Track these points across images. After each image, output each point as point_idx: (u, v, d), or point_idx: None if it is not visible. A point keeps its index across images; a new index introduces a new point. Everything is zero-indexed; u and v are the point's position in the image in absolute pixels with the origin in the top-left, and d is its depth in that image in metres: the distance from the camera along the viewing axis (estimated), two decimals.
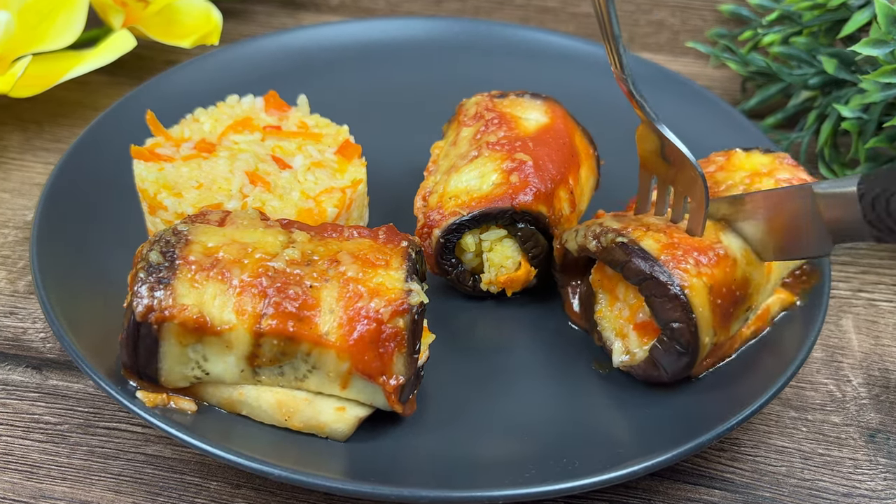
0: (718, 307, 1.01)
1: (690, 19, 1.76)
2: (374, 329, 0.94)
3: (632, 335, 1.05)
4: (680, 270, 1.00)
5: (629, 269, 1.01)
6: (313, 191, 1.15)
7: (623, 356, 1.06)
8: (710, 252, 1.02)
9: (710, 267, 1.01)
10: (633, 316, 1.05)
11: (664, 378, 1.03)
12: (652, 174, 1.08)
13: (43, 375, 1.10)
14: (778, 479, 1.04)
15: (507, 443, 1.01)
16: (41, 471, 1.01)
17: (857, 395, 1.13)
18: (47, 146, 1.41)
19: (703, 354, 1.02)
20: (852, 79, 1.35)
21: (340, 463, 0.97)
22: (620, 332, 1.06)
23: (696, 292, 1.00)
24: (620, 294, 1.07)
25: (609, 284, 1.08)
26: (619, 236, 1.03)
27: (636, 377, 1.06)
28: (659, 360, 1.02)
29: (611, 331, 1.07)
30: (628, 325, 1.06)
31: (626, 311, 1.06)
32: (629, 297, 1.06)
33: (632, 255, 1.01)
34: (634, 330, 1.05)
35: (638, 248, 1.01)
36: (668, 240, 1.02)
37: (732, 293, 1.02)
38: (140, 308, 0.94)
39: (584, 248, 1.06)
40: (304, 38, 1.50)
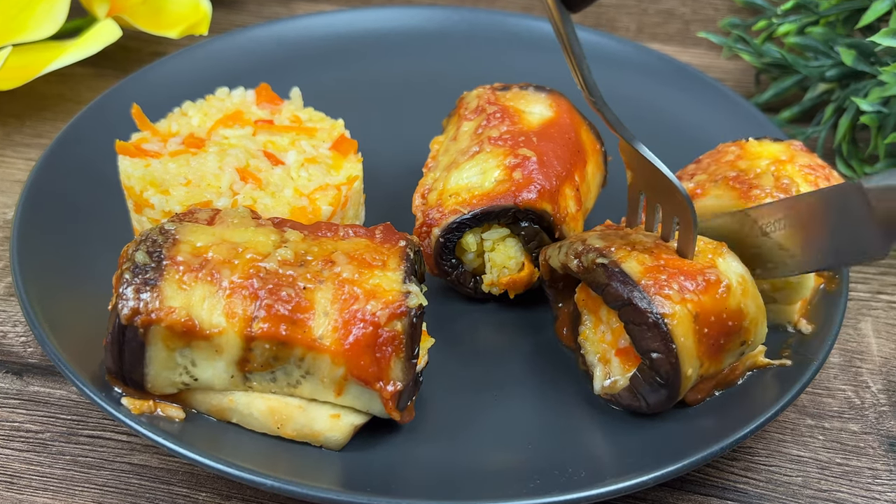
0: (705, 336, 0.98)
1: (702, 8, 1.76)
2: (371, 333, 0.95)
3: (614, 361, 1.04)
4: (661, 297, 0.97)
5: (609, 294, 0.99)
6: (307, 188, 1.15)
7: (604, 381, 1.04)
8: (699, 277, 0.99)
9: (696, 293, 0.98)
10: (616, 341, 1.03)
11: (644, 409, 1.01)
12: (639, 191, 1.07)
13: (24, 381, 1.10)
14: (794, 489, 1.04)
15: (510, 452, 1.01)
16: (22, 481, 1.02)
17: (877, 402, 1.13)
18: (28, 141, 1.41)
19: (685, 387, 1.00)
20: (871, 71, 1.35)
21: (335, 473, 0.97)
22: (603, 357, 1.05)
23: (679, 321, 0.97)
24: (604, 316, 1.05)
25: (593, 305, 1.06)
26: (601, 256, 1.01)
27: (617, 406, 1.04)
28: (638, 390, 1.00)
29: (594, 355, 1.06)
30: (611, 350, 1.04)
31: (609, 336, 1.04)
32: (612, 321, 1.04)
33: (611, 279, 0.99)
34: (617, 356, 1.03)
35: (618, 271, 0.99)
36: (653, 262, 0.99)
37: (723, 323, 0.99)
38: (125, 311, 0.94)
39: (566, 267, 1.05)
40: (298, 28, 1.50)
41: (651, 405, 1.01)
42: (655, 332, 0.97)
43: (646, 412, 1.02)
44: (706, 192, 1.11)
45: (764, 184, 1.10)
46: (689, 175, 1.16)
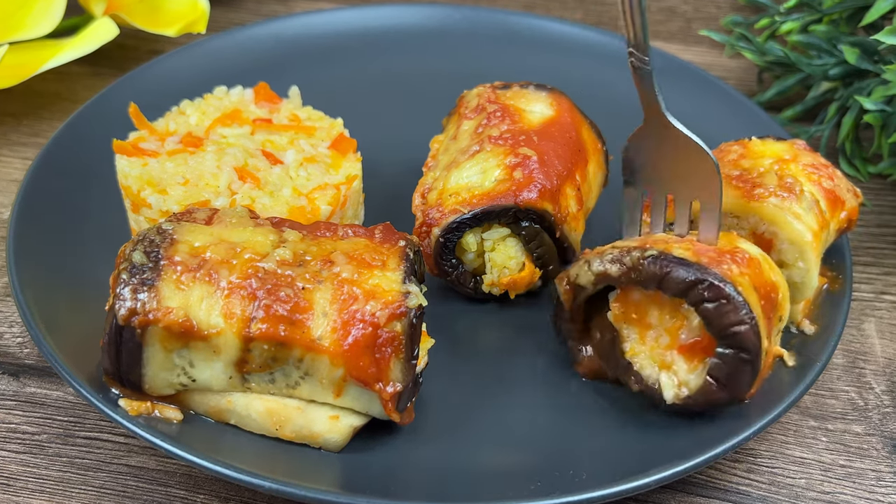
0: (763, 309, 0.99)
1: (704, 6, 1.76)
2: (370, 333, 0.94)
3: (678, 361, 1.01)
4: (722, 272, 0.98)
5: (670, 282, 0.97)
6: (306, 187, 1.15)
7: (676, 389, 1.01)
8: (739, 255, 1.00)
9: (745, 267, 0.99)
10: (675, 339, 1.01)
11: (725, 398, 0.99)
12: (640, 192, 1.07)
13: (20, 382, 1.10)
14: (796, 491, 1.04)
15: (511, 453, 1.01)
16: (18, 483, 1.01)
17: (881, 404, 1.13)
18: (25, 140, 1.41)
19: (763, 362, 0.99)
20: (875, 69, 1.35)
21: (334, 475, 0.97)
22: (664, 364, 1.02)
23: (747, 290, 0.97)
24: (654, 319, 1.02)
25: (636, 314, 1.03)
26: (646, 251, 0.99)
27: (694, 408, 1.01)
28: (720, 377, 0.98)
29: (651, 366, 1.02)
30: (671, 352, 1.01)
31: (665, 338, 1.02)
32: (665, 320, 1.02)
33: (669, 266, 0.97)
34: (680, 354, 1.01)
35: (674, 257, 0.98)
36: (694, 248, 1.00)
37: (769, 295, 1.00)
38: (122, 311, 0.94)
39: (603, 276, 1.02)
40: (297, 26, 1.50)
41: (735, 389, 0.98)
42: (733, 304, 0.96)
43: (725, 402, 0.99)
44: None
45: (767, 183, 1.10)
46: None
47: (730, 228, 1.10)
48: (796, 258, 1.09)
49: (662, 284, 0.98)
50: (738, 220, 1.10)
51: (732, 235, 1.05)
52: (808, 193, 1.11)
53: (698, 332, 1.00)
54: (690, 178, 1.03)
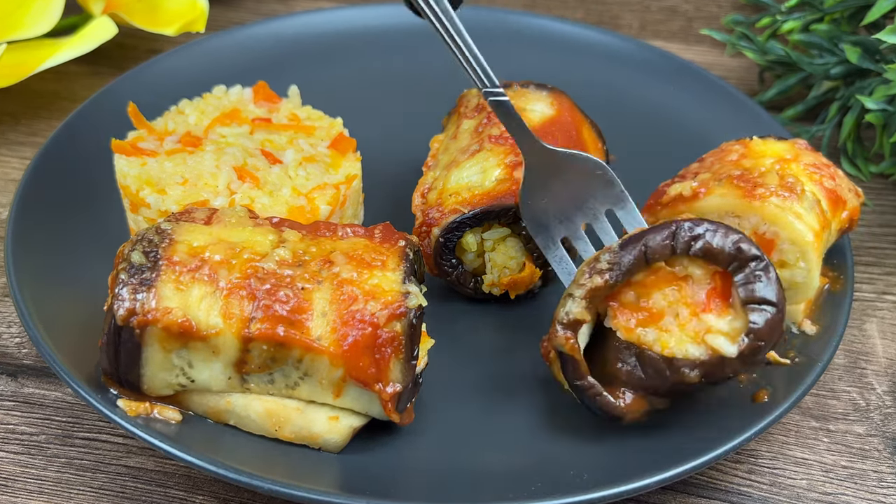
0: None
1: (705, 5, 1.76)
2: (370, 334, 0.94)
3: (712, 320, 0.97)
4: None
5: (679, 238, 0.97)
6: (305, 187, 1.15)
7: (731, 342, 0.96)
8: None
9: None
10: (694, 305, 0.98)
11: (757, 346, 0.95)
12: (558, 241, 1.08)
13: (18, 383, 1.10)
14: (798, 492, 1.04)
15: (511, 454, 1.01)
16: (16, 484, 1.01)
17: (882, 404, 1.13)
18: (23, 140, 1.41)
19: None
20: (877, 68, 1.35)
21: (334, 476, 0.97)
22: (700, 335, 0.98)
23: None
24: (661, 302, 0.98)
25: (643, 312, 0.99)
26: (612, 246, 0.99)
27: (761, 354, 0.96)
28: (750, 320, 0.95)
29: (693, 344, 0.98)
30: (699, 319, 0.98)
31: (684, 310, 0.98)
32: (671, 295, 0.98)
33: (649, 233, 0.97)
34: (707, 313, 0.97)
35: (643, 231, 0.98)
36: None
37: None
38: (121, 311, 0.94)
39: (593, 292, 0.97)
40: (296, 26, 1.50)
41: (766, 329, 0.95)
42: (755, 244, 0.97)
43: (761, 347, 0.95)
44: (710, 191, 1.11)
45: (769, 182, 1.10)
46: (693, 174, 1.16)
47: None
48: (797, 258, 1.09)
49: (694, 247, 0.96)
50: (739, 220, 1.10)
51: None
52: (810, 193, 1.11)
53: (707, 279, 0.98)
54: (592, 191, 1.04)
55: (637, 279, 0.99)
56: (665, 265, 0.98)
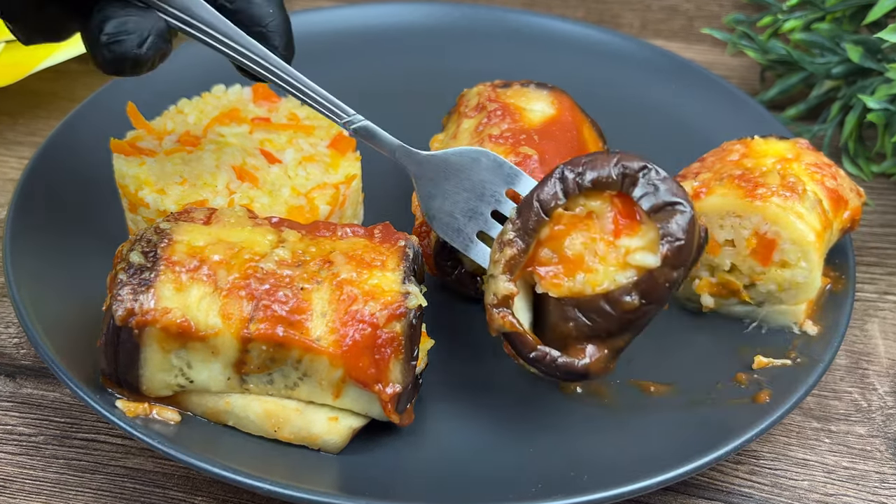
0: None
1: (706, 4, 1.76)
2: (370, 334, 0.94)
3: (628, 242, 0.96)
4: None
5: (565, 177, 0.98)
6: (305, 187, 1.15)
7: (652, 253, 0.95)
8: None
9: None
10: (608, 235, 0.97)
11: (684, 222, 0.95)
12: (472, 238, 1.06)
13: (16, 383, 1.10)
14: (799, 493, 1.04)
15: (512, 455, 1.01)
16: (14, 485, 1.01)
17: (884, 405, 1.13)
18: (21, 139, 1.41)
19: None
20: (878, 68, 1.35)
21: (333, 477, 0.97)
22: (624, 260, 0.96)
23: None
24: (577, 245, 0.97)
25: (565, 261, 0.98)
26: (517, 207, 0.99)
27: (686, 255, 0.95)
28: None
29: (620, 272, 0.96)
30: (616, 246, 0.97)
31: (601, 245, 0.97)
32: (584, 235, 0.98)
33: (542, 182, 0.98)
34: (622, 237, 0.96)
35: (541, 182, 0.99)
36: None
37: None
38: (120, 311, 0.94)
39: (510, 262, 0.98)
40: (296, 24, 1.48)
41: (679, 227, 0.95)
42: (635, 156, 0.98)
43: (682, 246, 0.95)
44: (711, 190, 1.11)
45: (770, 182, 1.10)
46: (694, 174, 1.16)
47: (732, 228, 1.10)
48: (799, 258, 1.09)
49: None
50: (740, 220, 1.10)
51: None
52: (811, 193, 1.11)
53: (608, 207, 0.97)
54: (484, 178, 1.05)
55: (545, 235, 0.98)
56: (564, 212, 0.98)
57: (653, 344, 1.13)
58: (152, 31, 0.95)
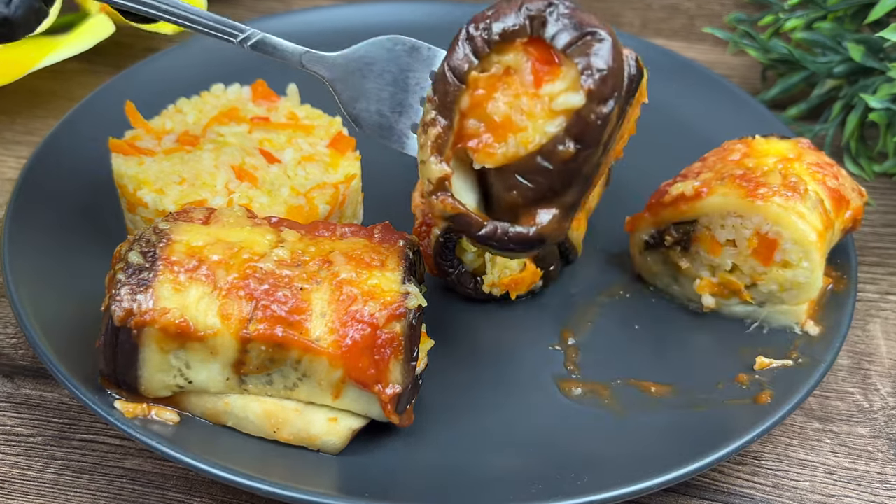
0: None
1: (707, 3, 1.76)
2: (369, 334, 0.94)
3: (552, 86, 0.91)
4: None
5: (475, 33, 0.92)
6: (304, 186, 1.15)
7: (575, 95, 0.90)
8: None
9: None
10: (528, 87, 0.92)
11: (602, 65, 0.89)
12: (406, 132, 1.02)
13: (15, 384, 1.10)
14: (801, 494, 1.04)
15: (512, 456, 1.01)
16: (13, 486, 1.01)
17: (886, 405, 1.13)
18: (19, 139, 1.41)
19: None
20: (880, 67, 1.35)
21: (333, 477, 0.97)
22: (546, 113, 0.92)
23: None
24: (499, 107, 0.93)
25: (496, 129, 0.93)
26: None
27: (609, 94, 0.90)
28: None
29: (546, 123, 0.92)
30: (536, 101, 0.92)
31: (524, 99, 0.92)
32: (504, 97, 0.93)
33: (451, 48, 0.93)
34: (542, 87, 0.92)
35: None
36: None
37: None
38: (118, 312, 0.94)
39: (443, 179, 0.94)
40: (295, 24, 1.50)
41: (598, 58, 0.89)
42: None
43: (605, 75, 0.89)
44: (713, 190, 1.11)
45: (771, 182, 1.10)
46: (695, 173, 1.16)
47: (733, 228, 1.10)
48: (801, 258, 1.09)
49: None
50: (741, 220, 1.10)
51: None
52: (813, 192, 1.11)
53: (523, 57, 0.92)
54: (404, 67, 1.01)
55: (466, 105, 0.94)
56: (480, 75, 0.93)
57: (653, 344, 1.13)
58: None
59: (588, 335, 1.14)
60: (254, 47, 1.03)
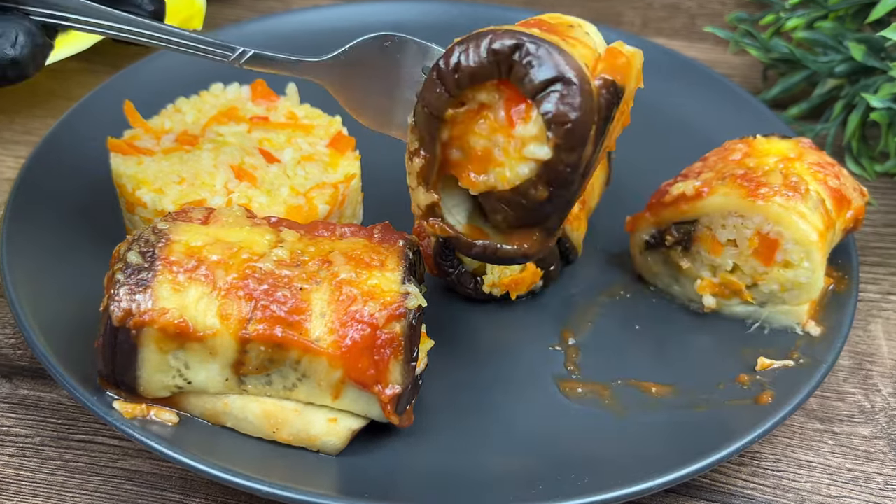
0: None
1: (708, 2, 1.76)
2: (369, 335, 0.94)
3: (525, 127, 0.91)
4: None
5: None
6: (303, 186, 1.15)
7: (544, 142, 0.89)
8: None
9: None
10: (503, 125, 0.92)
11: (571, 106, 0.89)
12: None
13: (13, 384, 1.10)
14: (802, 495, 1.04)
15: (512, 457, 1.01)
16: (11, 487, 1.01)
17: (887, 406, 1.13)
18: (18, 138, 1.41)
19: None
20: (881, 66, 1.35)
21: (332, 478, 0.97)
22: (519, 155, 0.92)
23: None
24: (478, 142, 0.93)
25: (476, 161, 0.94)
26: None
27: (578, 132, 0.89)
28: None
29: (520, 165, 0.92)
30: (511, 141, 0.92)
31: (500, 137, 0.92)
32: (482, 132, 0.93)
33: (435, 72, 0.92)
34: (518, 122, 0.91)
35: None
36: None
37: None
38: (117, 312, 0.94)
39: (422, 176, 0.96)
40: (294, 23, 1.50)
41: (562, 109, 0.88)
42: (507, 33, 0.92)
43: (571, 128, 0.89)
44: (713, 190, 1.11)
45: (772, 182, 1.10)
46: (696, 173, 1.16)
47: (734, 228, 1.10)
48: (802, 258, 1.09)
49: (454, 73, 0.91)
50: (742, 220, 1.10)
51: None
52: (814, 192, 1.11)
53: (497, 95, 0.92)
54: (394, 69, 1.02)
55: (447, 137, 0.95)
56: (458, 110, 0.93)
57: (654, 345, 1.13)
58: (20, 31, 0.97)
59: (588, 335, 1.14)
60: (247, 64, 1.04)
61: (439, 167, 0.96)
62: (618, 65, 0.92)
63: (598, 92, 0.90)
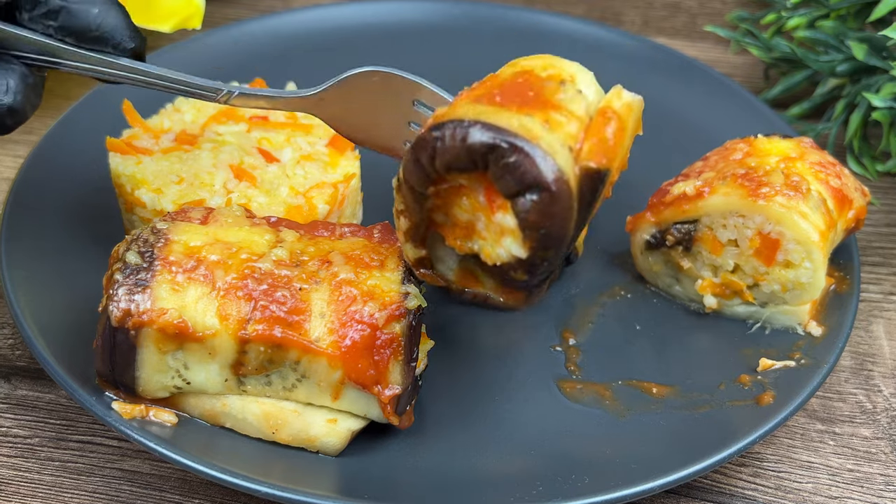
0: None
1: (709, 1, 1.76)
2: (369, 335, 0.94)
3: (498, 220, 0.91)
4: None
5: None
6: (303, 186, 1.15)
7: (518, 244, 0.90)
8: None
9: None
10: (483, 208, 0.92)
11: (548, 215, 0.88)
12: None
13: (11, 385, 1.10)
14: (803, 496, 1.04)
15: (512, 457, 1.01)
16: (9, 488, 1.01)
17: (889, 407, 1.13)
18: (16, 138, 1.41)
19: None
20: (884, 65, 1.35)
21: (332, 479, 0.97)
22: (497, 240, 0.93)
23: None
24: (461, 215, 0.94)
25: (460, 229, 0.96)
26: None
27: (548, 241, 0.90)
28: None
29: (499, 248, 0.93)
30: (492, 224, 0.92)
31: (482, 217, 0.93)
32: (465, 208, 0.94)
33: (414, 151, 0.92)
34: (496, 214, 0.92)
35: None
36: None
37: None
38: (116, 312, 0.94)
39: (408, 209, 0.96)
40: (294, 22, 1.50)
41: (536, 216, 0.88)
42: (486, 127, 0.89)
43: (543, 234, 0.89)
44: (714, 190, 1.11)
45: (774, 181, 1.10)
46: (697, 173, 1.16)
47: (735, 228, 1.10)
48: (803, 258, 1.09)
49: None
50: (743, 220, 1.10)
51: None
52: (815, 192, 1.11)
53: (478, 182, 0.92)
54: (384, 102, 1.04)
55: (431, 206, 0.95)
56: (439, 187, 0.93)
57: (655, 345, 1.13)
58: (10, 77, 0.97)
59: (589, 336, 1.14)
60: (234, 101, 1.05)
61: (426, 227, 0.97)
62: (606, 140, 0.91)
63: (580, 183, 0.89)
